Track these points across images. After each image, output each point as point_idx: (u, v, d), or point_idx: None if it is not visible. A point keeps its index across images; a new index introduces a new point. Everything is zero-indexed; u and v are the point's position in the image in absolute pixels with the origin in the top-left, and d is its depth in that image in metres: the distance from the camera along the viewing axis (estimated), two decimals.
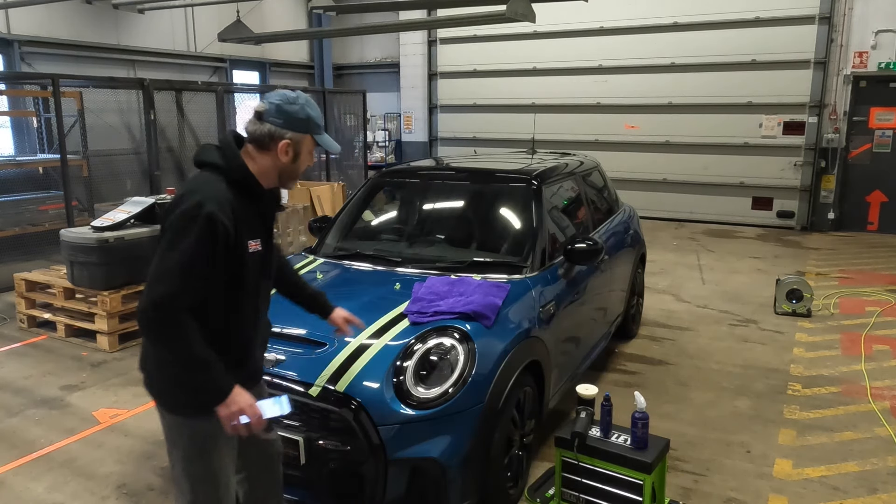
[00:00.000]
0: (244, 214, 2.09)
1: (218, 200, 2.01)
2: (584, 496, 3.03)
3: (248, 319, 2.22)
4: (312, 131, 2.16)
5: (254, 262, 2.14)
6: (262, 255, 2.18)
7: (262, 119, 2.11)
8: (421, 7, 9.54)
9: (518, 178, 4.27)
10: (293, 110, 2.11)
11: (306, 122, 2.14)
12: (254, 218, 2.15)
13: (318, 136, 2.18)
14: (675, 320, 6.17)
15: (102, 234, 5.44)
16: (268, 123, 2.11)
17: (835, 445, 3.91)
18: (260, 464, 2.49)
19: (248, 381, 2.24)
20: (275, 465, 2.52)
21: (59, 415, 4.36)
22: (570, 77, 12.00)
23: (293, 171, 2.18)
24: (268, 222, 2.25)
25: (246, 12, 11.17)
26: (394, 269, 3.77)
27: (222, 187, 2.07)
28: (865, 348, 5.43)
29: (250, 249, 2.11)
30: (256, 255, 2.14)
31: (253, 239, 2.12)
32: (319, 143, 2.20)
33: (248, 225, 2.10)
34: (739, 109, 10.80)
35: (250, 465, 2.47)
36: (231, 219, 2.03)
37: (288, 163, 2.14)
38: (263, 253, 2.19)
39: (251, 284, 2.16)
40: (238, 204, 2.07)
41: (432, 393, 2.84)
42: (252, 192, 2.13)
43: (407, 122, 13.96)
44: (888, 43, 9.72)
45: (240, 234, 2.06)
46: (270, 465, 2.51)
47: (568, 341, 3.93)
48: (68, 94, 7.77)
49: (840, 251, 9.16)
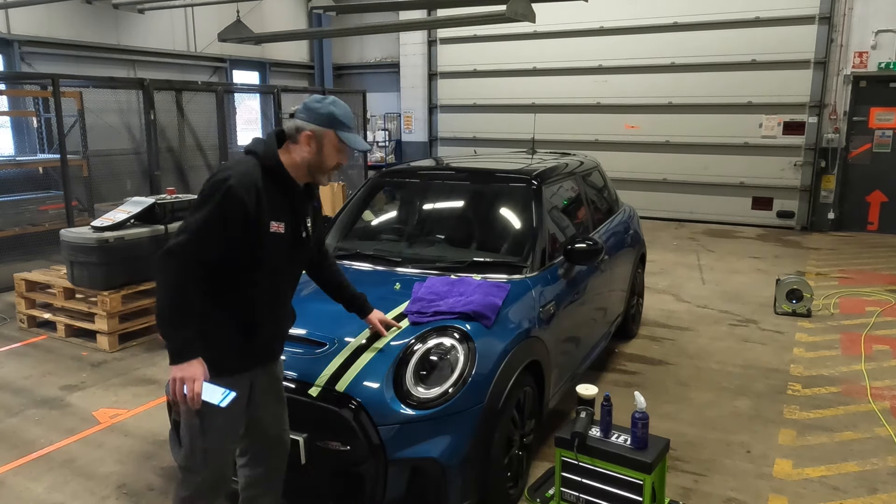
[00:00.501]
0: (271, 197, 2.29)
1: (242, 178, 2.24)
2: (584, 496, 3.02)
3: (264, 296, 2.39)
4: (335, 127, 2.33)
5: (275, 242, 2.32)
6: (286, 239, 2.36)
7: (294, 116, 2.35)
8: (421, 7, 9.54)
9: (518, 178, 4.27)
10: (317, 107, 2.32)
11: (328, 117, 2.32)
12: (281, 203, 2.34)
13: (342, 133, 2.34)
14: (675, 320, 6.17)
15: (102, 234, 5.44)
16: (296, 119, 2.34)
17: (835, 445, 3.91)
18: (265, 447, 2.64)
19: (256, 357, 2.45)
20: (278, 449, 2.66)
21: (59, 415, 4.36)
22: (570, 77, 12.00)
23: (318, 163, 2.36)
24: (298, 211, 2.42)
25: (246, 12, 11.17)
26: (394, 269, 3.77)
27: (253, 170, 2.29)
28: (865, 348, 5.43)
29: (271, 229, 2.30)
30: (278, 236, 2.33)
31: (276, 221, 2.31)
32: (342, 140, 2.35)
33: (273, 207, 2.30)
34: (739, 109, 10.80)
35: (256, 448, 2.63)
36: (253, 196, 2.23)
37: (312, 155, 2.34)
38: (289, 238, 2.37)
39: (272, 262, 2.35)
40: (265, 186, 2.28)
41: (432, 393, 2.84)
42: (281, 180, 2.34)
43: (407, 122, 13.96)
44: (888, 43, 9.73)
45: (260, 212, 2.25)
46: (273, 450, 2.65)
47: (568, 341, 3.93)
48: (68, 94, 7.77)
49: (840, 251, 9.16)
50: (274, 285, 2.42)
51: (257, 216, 2.25)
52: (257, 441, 2.62)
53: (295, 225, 2.40)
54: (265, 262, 2.33)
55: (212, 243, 2.22)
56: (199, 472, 2.42)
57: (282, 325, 2.57)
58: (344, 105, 2.38)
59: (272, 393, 2.60)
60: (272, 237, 2.30)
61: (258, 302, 2.38)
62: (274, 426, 2.63)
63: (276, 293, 2.44)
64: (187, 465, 2.45)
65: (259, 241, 2.28)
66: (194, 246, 2.20)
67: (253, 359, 2.45)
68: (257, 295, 2.37)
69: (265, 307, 2.41)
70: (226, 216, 2.21)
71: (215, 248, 2.23)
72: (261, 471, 2.66)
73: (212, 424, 2.37)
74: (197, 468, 2.42)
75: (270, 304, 2.43)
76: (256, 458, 2.65)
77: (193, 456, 2.42)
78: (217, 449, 2.42)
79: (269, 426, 2.61)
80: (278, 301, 2.48)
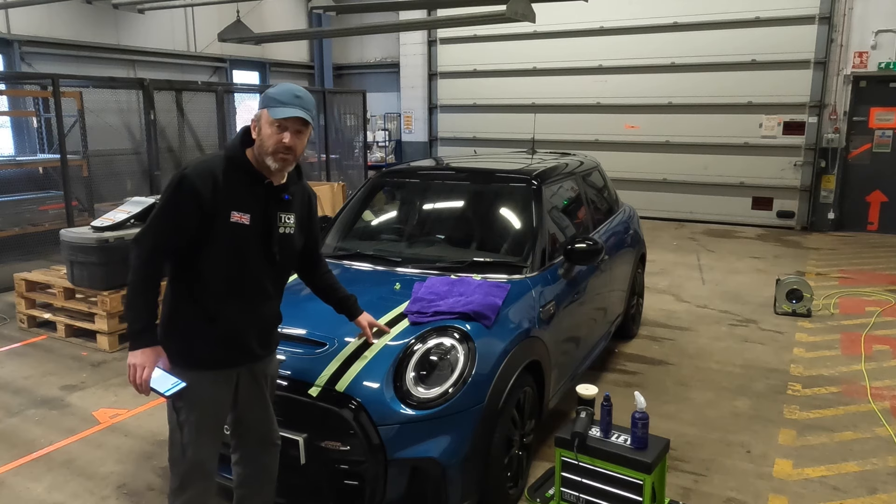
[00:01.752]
0: (233, 188, 2.33)
1: (198, 168, 2.31)
2: (584, 496, 3.02)
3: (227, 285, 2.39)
4: (267, 105, 2.33)
5: (237, 231, 2.35)
6: (252, 231, 2.38)
7: None
8: (421, 7, 9.54)
9: (518, 178, 4.27)
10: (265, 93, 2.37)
11: (264, 98, 2.36)
12: (245, 195, 2.36)
13: (271, 109, 2.31)
14: (675, 320, 6.17)
15: (102, 234, 5.44)
16: None
17: (835, 445, 3.91)
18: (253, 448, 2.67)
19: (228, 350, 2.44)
20: (268, 450, 2.69)
21: (59, 415, 4.36)
22: (570, 77, 12.00)
23: (260, 145, 2.35)
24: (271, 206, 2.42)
25: (246, 12, 11.17)
26: (394, 269, 3.77)
27: (214, 161, 2.35)
28: (865, 348, 5.43)
29: (232, 219, 2.32)
30: (242, 227, 2.35)
31: (238, 211, 2.34)
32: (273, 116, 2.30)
33: (235, 198, 2.33)
34: (739, 109, 10.80)
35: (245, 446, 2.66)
36: (209, 184, 2.28)
37: (257, 140, 2.36)
38: (256, 231, 2.39)
39: (234, 252, 2.37)
40: (226, 177, 2.32)
41: (432, 393, 2.84)
42: (245, 172, 2.37)
43: (407, 122, 13.96)
44: (888, 43, 9.72)
45: (217, 201, 2.29)
46: (264, 450, 2.68)
47: (568, 341, 3.93)
48: (68, 94, 7.77)
49: (840, 251, 9.16)
50: (240, 276, 2.40)
51: (214, 204, 2.28)
52: (245, 441, 2.64)
53: (266, 220, 2.40)
54: (227, 252, 2.35)
55: (167, 231, 2.29)
56: (180, 464, 2.47)
57: (257, 322, 2.49)
58: (285, 85, 2.36)
59: (256, 396, 2.58)
60: (233, 227, 2.33)
61: (220, 291, 2.38)
62: (260, 428, 2.63)
63: (241, 284, 2.41)
64: (171, 457, 2.50)
65: (219, 229, 2.31)
66: (151, 235, 2.30)
67: (224, 353, 2.43)
68: (220, 284, 2.37)
69: (228, 297, 2.39)
70: (178, 203, 2.27)
71: (172, 236, 2.30)
72: (251, 470, 2.68)
73: (187, 419, 2.41)
74: (178, 461, 2.47)
75: (236, 294, 2.40)
76: (246, 457, 2.68)
77: (174, 448, 2.48)
78: (194, 441, 2.44)
79: (255, 428, 2.62)
80: (246, 294, 2.43)
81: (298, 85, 2.43)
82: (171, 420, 2.46)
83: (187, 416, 2.41)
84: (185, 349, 2.38)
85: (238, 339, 2.46)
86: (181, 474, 2.48)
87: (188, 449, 2.44)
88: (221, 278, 2.37)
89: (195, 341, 2.39)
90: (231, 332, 2.44)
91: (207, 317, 2.38)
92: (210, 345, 2.41)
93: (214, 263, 2.35)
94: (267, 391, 2.63)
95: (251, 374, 2.54)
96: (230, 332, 2.43)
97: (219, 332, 2.41)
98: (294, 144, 2.33)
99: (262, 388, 2.60)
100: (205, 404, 2.43)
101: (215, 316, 2.39)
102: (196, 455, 2.46)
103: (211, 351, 2.41)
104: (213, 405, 2.46)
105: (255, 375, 2.55)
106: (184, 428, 2.43)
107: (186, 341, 2.38)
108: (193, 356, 2.39)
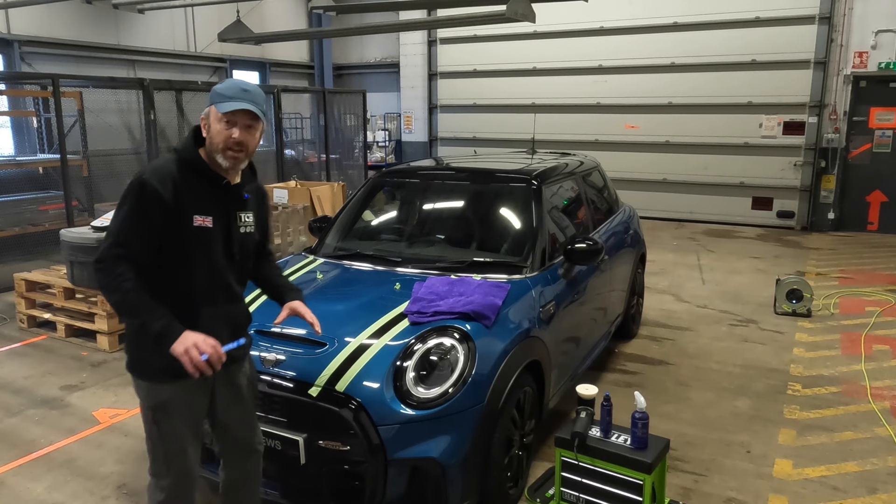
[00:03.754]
0: (192, 191, 2.26)
1: (155, 171, 2.24)
2: (584, 496, 3.03)
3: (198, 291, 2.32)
4: (214, 101, 2.27)
5: (202, 236, 2.29)
6: (215, 234, 2.32)
7: None
8: (421, 7, 9.54)
9: (518, 178, 4.27)
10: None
11: (211, 95, 2.30)
12: (205, 197, 2.30)
13: (218, 105, 2.25)
14: (675, 320, 6.17)
15: (102, 234, 5.43)
16: None
17: (835, 445, 3.91)
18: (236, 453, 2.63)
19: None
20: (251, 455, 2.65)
21: (59, 415, 4.36)
22: (570, 77, 12.00)
23: (210, 142, 2.28)
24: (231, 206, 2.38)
25: (246, 12, 11.17)
26: (394, 269, 3.77)
27: (169, 164, 2.28)
28: (865, 348, 5.43)
29: (195, 223, 2.27)
30: (205, 231, 2.29)
31: (201, 215, 2.28)
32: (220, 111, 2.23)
33: (196, 201, 2.27)
34: (739, 109, 10.80)
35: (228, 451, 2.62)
36: (169, 186, 2.21)
37: (207, 137, 2.29)
38: (219, 233, 2.34)
39: (202, 257, 2.31)
40: (185, 180, 2.26)
41: (432, 393, 2.84)
42: (202, 174, 2.30)
43: (407, 122, 13.96)
44: (888, 43, 9.72)
45: (180, 204, 2.22)
46: (246, 455, 2.64)
47: (568, 341, 3.93)
48: (68, 94, 7.77)
49: (840, 251, 9.16)
50: (209, 281, 2.33)
51: (177, 207, 2.21)
52: (228, 445, 2.60)
53: (226, 221, 2.35)
54: (193, 257, 2.28)
55: (135, 239, 2.19)
56: (164, 476, 2.40)
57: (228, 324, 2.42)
58: (232, 80, 2.31)
59: (235, 398, 2.53)
60: (197, 231, 2.26)
61: (190, 299, 2.30)
62: (241, 432, 2.59)
63: (211, 289, 2.35)
64: (154, 471, 2.43)
65: (183, 234, 2.24)
66: (118, 248, 2.18)
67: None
68: (189, 292, 2.30)
69: (199, 304, 2.32)
70: (144, 209, 2.18)
71: (141, 244, 2.20)
72: (236, 474, 2.66)
73: (169, 430, 2.36)
74: (162, 473, 2.40)
75: (207, 300, 2.34)
76: (231, 461, 2.64)
77: (156, 462, 2.41)
78: (176, 451, 2.39)
79: (236, 431, 2.58)
80: (217, 298, 2.37)
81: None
82: (152, 435, 2.37)
83: (170, 428, 2.35)
84: (159, 362, 2.23)
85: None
86: (168, 488, 2.40)
87: (175, 460, 2.39)
88: (190, 286, 2.30)
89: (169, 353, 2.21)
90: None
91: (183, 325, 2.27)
92: None
93: (181, 271, 2.28)
94: (246, 392, 2.57)
95: (227, 376, 2.45)
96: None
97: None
98: (244, 139, 2.26)
99: (240, 389, 2.54)
100: (185, 413, 2.38)
101: (188, 326, 2.24)
102: (183, 465, 2.41)
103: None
104: (193, 413, 2.41)
105: (230, 377, 2.48)
106: (164, 440, 2.37)
107: (160, 354, 2.21)
108: (170, 368, 2.21)
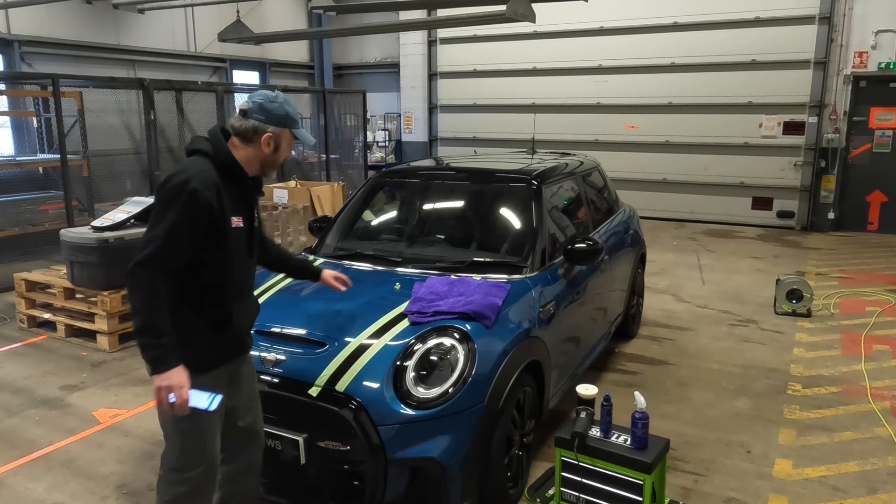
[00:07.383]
0: (228, 194, 2.36)
1: (203, 179, 2.28)
2: (584, 496, 3.03)
3: (232, 288, 2.45)
4: (290, 126, 2.44)
5: (237, 236, 2.41)
6: (244, 233, 2.46)
7: (247, 116, 2.39)
8: (421, 7, 9.53)
9: (518, 178, 4.27)
10: (273, 108, 2.40)
11: (285, 118, 2.42)
12: (237, 199, 2.41)
13: (296, 131, 2.46)
14: (675, 320, 6.17)
15: (102, 234, 5.44)
16: (252, 119, 2.38)
17: (835, 445, 3.91)
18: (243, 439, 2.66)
19: (230, 349, 2.51)
20: (255, 441, 2.71)
21: (59, 415, 4.36)
22: (570, 77, 12.00)
23: (274, 160, 2.47)
24: (249, 204, 2.51)
25: (246, 12, 11.17)
26: (394, 269, 3.77)
27: (209, 169, 2.33)
28: (865, 348, 5.43)
29: (233, 225, 2.38)
30: (239, 231, 2.42)
31: (236, 216, 2.39)
32: (297, 137, 2.47)
33: (231, 203, 2.37)
34: (739, 109, 10.80)
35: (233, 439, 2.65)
36: (215, 195, 2.29)
37: (269, 154, 2.43)
38: (247, 231, 2.47)
39: (236, 256, 2.42)
40: (222, 184, 2.34)
41: (432, 393, 2.84)
42: (235, 176, 2.41)
43: (407, 122, 13.96)
44: (888, 43, 9.72)
45: (223, 210, 2.32)
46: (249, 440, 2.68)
47: (568, 341, 3.93)
48: (68, 94, 7.77)
49: (840, 251, 9.16)
50: (240, 277, 2.48)
51: (221, 214, 2.31)
52: (230, 434, 2.63)
53: (250, 218, 2.49)
54: (231, 257, 2.39)
55: (182, 249, 2.25)
56: (193, 469, 2.43)
57: (250, 316, 2.62)
58: (291, 101, 2.48)
59: (246, 384, 2.63)
60: (234, 232, 2.38)
61: (228, 296, 2.43)
62: (246, 417, 2.65)
63: (241, 285, 2.51)
64: (179, 465, 2.44)
65: (224, 235, 2.34)
66: (165, 255, 2.22)
67: (226, 352, 2.50)
68: (226, 289, 2.42)
69: (234, 300, 2.46)
70: (195, 219, 2.24)
71: (186, 253, 2.27)
72: (236, 466, 2.69)
73: (204, 422, 2.41)
74: (190, 466, 2.43)
75: (238, 295, 2.48)
76: (231, 453, 2.67)
77: (185, 455, 2.43)
78: (208, 442, 2.45)
79: (240, 417, 2.63)
80: (244, 292, 2.54)
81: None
82: (185, 429, 2.39)
83: (207, 421, 2.41)
84: (191, 356, 2.31)
85: (240, 337, 2.55)
86: (193, 479, 2.43)
87: (206, 451, 2.44)
88: (225, 285, 2.41)
89: (202, 348, 2.38)
90: (238, 332, 2.52)
91: (217, 323, 2.41)
92: (216, 348, 2.44)
93: (220, 271, 2.38)
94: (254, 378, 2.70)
95: (238, 364, 2.59)
96: (237, 333, 2.51)
97: (228, 335, 2.46)
98: None
99: (250, 377, 2.67)
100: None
101: (227, 321, 2.43)
102: (213, 456, 2.48)
103: (216, 353, 2.45)
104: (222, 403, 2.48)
105: (241, 365, 2.61)
106: (199, 433, 2.41)
107: (193, 349, 2.33)
108: (200, 362, 2.36)
